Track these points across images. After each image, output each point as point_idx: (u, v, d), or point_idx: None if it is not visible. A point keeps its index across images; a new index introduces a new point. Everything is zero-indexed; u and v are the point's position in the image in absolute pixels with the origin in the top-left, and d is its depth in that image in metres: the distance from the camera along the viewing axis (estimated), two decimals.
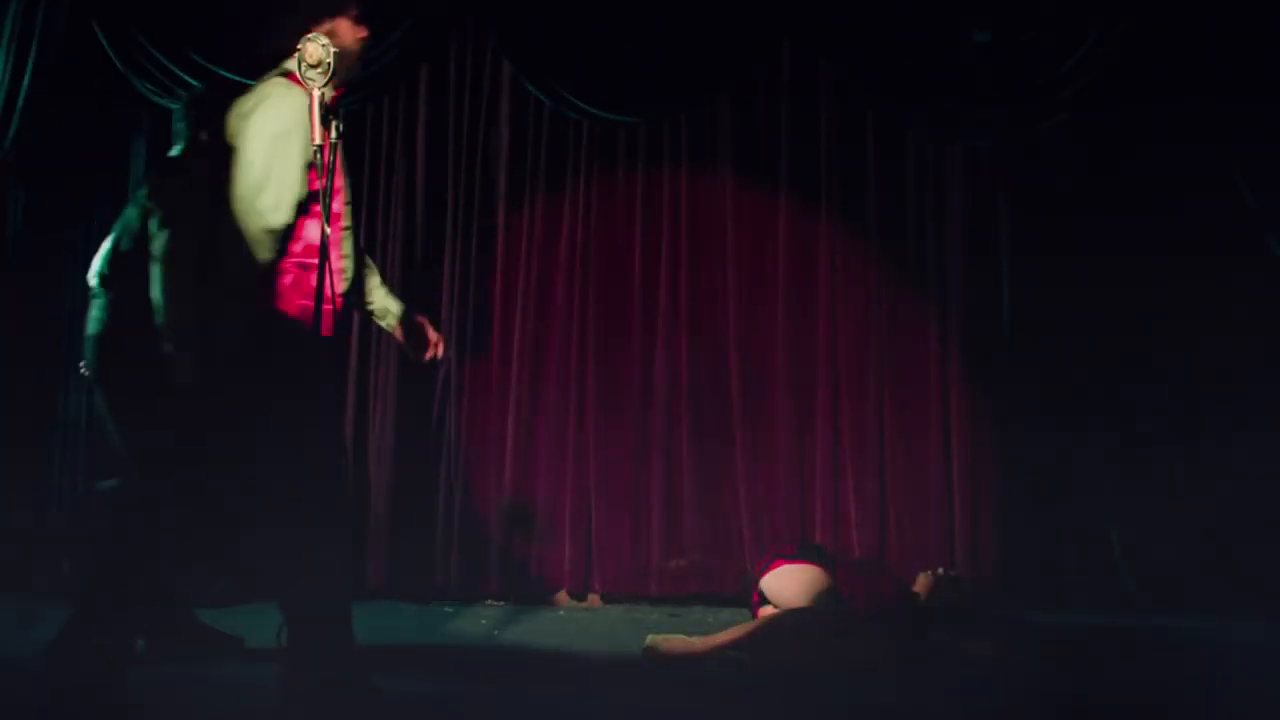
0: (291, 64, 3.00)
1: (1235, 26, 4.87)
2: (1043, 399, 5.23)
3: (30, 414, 5.26)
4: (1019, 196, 5.34)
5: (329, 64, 2.90)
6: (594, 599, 5.35)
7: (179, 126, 3.99)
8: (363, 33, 3.19)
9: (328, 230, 2.88)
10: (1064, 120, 5.02)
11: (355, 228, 3.22)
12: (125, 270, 3.84)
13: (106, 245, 4.00)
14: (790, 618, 4.04)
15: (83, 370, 4.03)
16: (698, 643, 3.97)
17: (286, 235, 2.96)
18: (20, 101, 4.94)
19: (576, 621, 4.95)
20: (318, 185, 2.90)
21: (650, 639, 3.97)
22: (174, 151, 4.00)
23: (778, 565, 4.32)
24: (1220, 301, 5.08)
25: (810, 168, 5.41)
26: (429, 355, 3.40)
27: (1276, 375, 5.05)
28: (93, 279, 3.99)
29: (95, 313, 3.96)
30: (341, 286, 3.08)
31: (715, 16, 4.97)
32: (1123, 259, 5.18)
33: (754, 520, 5.32)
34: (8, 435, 5.20)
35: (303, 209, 2.98)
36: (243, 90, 2.95)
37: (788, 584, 4.22)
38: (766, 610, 4.29)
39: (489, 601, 5.31)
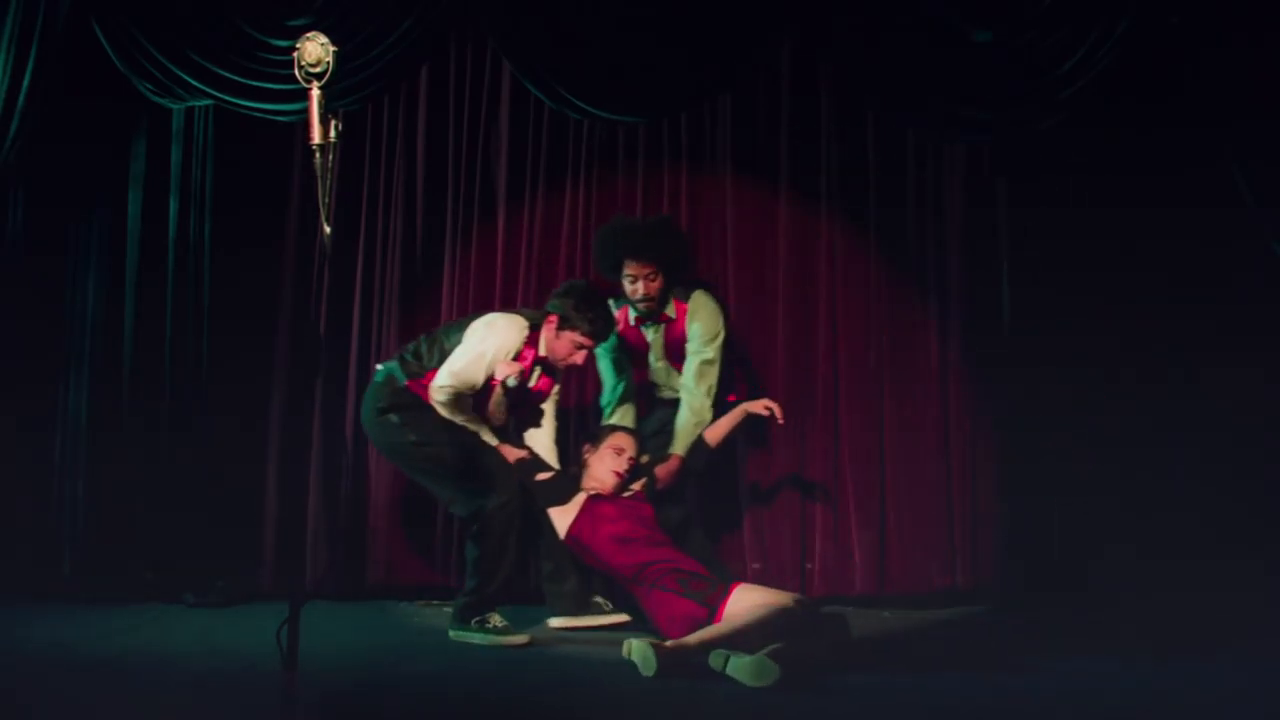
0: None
1: (1235, 26, 4.87)
2: (1042, 399, 5.22)
3: (31, 412, 5.26)
4: (1019, 196, 5.33)
5: (328, 64, 2.93)
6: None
7: None
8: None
9: (327, 229, 2.89)
10: (1064, 120, 5.02)
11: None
12: None
13: None
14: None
15: None
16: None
17: None
18: (20, 101, 4.93)
19: None
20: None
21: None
22: None
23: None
24: (1221, 302, 5.08)
25: (810, 167, 5.41)
26: None
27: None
28: None
29: None
30: None
31: (715, 16, 4.97)
32: (1123, 258, 5.18)
33: (753, 520, 5.33)
34: (8, 434, 5.20)
35: None
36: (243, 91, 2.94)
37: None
38: None
39: None
